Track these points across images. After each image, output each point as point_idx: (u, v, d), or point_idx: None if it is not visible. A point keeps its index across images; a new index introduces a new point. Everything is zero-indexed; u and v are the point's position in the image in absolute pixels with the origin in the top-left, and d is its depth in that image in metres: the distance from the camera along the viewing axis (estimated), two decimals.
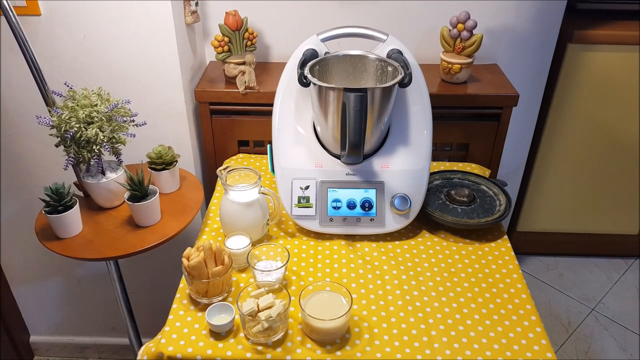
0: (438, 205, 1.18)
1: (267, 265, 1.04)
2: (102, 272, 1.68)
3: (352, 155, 1.05)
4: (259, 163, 1.42)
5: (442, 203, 1.19)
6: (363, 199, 1.13)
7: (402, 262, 1.09)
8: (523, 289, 1.03)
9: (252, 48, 1.41)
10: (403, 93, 1.15)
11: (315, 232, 1.16)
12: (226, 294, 1.00)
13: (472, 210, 1.16)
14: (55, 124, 1.07)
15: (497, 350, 0.91)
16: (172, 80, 1.33)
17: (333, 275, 1.06)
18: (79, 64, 1.31)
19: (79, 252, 1.10)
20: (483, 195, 1.21)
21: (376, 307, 0.99)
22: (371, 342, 0.92)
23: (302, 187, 1.14)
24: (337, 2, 1.44)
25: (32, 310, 1.83)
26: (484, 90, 1.40)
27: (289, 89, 1.16)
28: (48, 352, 1.94)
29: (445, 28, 1.40)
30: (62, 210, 1.09)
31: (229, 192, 1.10)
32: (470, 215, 1.15)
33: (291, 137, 1.16)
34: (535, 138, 1.83)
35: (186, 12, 1.33)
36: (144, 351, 0.96)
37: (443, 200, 1.19)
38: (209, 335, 0.93)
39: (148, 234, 1.14)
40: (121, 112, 1.12)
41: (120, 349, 1.91)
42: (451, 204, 1.18)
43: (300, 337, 0.93)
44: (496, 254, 1.12)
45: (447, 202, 1.19)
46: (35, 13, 1.23)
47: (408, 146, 1.15)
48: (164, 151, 1.23)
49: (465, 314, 0.98)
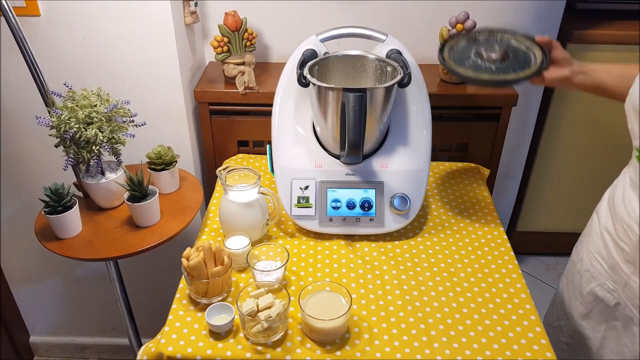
0: (470, 64, 1.06)
1: (266, 265, 1.04)
2: (101, 272, 1.68)
3: (352, 155, 1.05)
4: (259, 163, 1.42)
5: (473, 63, 1.06)
6: (362, 199, 1.13)
7: (401, 262, 1.09)
8: (523, 288, 1.03)
9: (251, 48, 1.41)
10: (402, 93, 1.15)
11: (315, 232, 1.16)
12: (226, 294, 1.00)
13: (507, 66, 1.05)
14: (54, 124, 1.07)
15: (497, 350, 0.91)
16: (171, 80, 1.33)
17: (333, 275, 1.06)
18: (79, 65, 1.31)
19: (78, 253, 1.10)
20: (516, 50, 1.09)
21: (376, 307, 0.99)
22: (371, 342, 0.92)
23: (301, 187, 1.14)
24: (337, 2, 1.44)
25: (32, 310, 1.83)
26: (483, 90, 1.40)
27: (289, 89, 1.16)
28: (48, 352, 1.94)
29: (444, 28, 1.40)
30: (61, 210, 1.09)
31: (229, 192, 1.10)
32: (507, 71, 1.04)
33: (291, 137, 1.16)
34: (534, 138, 1.83)
35: (185, 13, 1.33)
36: (143, 351, 0.96)
37: (473, 59, 1.07)
38: (209, 336, 0.93)
39: (148, 234, 1.14)
40: (120, 112, 1.12)
41: (120, 349, 1.91)
42: (484, 63, 1.06)
43: (299, 337, 0.93)
44: (496, 253, 1.12)
45: (479, 60, 1.07)
46: (35, 13, 1.23)
47: (407, 146, 1.15)
48: (164, 151, 1.23)
49: (465, 314, 0.97)
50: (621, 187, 0.93)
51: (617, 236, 0.92)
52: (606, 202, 1.00)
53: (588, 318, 1.02)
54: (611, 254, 0.94)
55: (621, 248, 0.91)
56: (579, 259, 1.06)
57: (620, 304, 0.94)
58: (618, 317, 0.96)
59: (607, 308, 0.97)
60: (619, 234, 0.91)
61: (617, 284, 0.94)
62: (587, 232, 1.06)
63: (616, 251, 0.93)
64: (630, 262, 0.89)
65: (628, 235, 0.88)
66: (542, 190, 2.01)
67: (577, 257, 1.07)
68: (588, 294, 1.01)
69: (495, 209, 1.26)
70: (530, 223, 2.11)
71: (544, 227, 2.11)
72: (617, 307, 0.95)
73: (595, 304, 1.00)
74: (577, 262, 1.06)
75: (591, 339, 1.02)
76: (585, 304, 1.02)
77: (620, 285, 0.93)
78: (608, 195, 1.00)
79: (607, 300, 0.97)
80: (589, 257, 1.01)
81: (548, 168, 1.95)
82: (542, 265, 2.20)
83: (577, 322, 1.05)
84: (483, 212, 1.24)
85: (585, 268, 1.02)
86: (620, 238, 0.91)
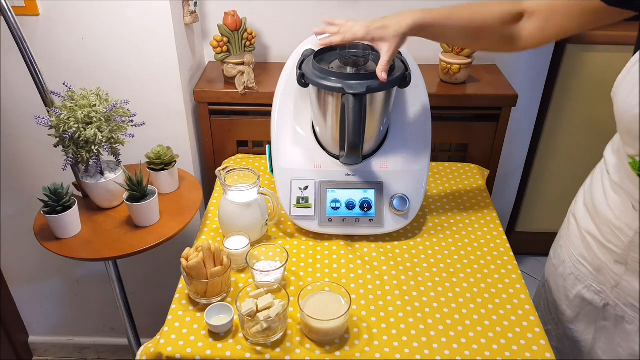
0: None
1: (266, 265, 1.04)
2: (101, 272, 1.68)
3: (351, 156, 1.05)
4: (258, 163, 1.42)
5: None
6: (362, 199, 1.13)
7: (401, 263, 1.09)
8: (522, 289, 1.03)
9: (251, 48, 1.40)
10: (402, 93, 1.15)
11: (314, 233, 1.16)
12: (225, 295, 1.00)
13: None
14: (53, 124, 1.06)
15: (496, 350, 0.91)
16: (171, 80, 1.33)
17: (332, 275, 1.06)
18: (78, 64, 1.30)
19: (77, 253, 1.10)
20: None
21: (375, 307, 0.99)
22: (370, 342, 0.92)
23: (301, 187, 1.14)
24: (336, 2, 1.44)
25: (31, 310, 1.82)
26: (483, 91, 1.40)
27: (288, 90, 1.16)
28: (47, 352, 1.93)
29: None
30: (60, 210, 1.09)
31: (228, 192, 1.10)
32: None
33: (290, 138, 1.16)
34: (534, 138, 1.83)
35: (185, 12, 1.33)
36: (142, 351, 0.96)
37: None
38: (208, 336, 0.93)
39: (147, 235, 1.14)
40: (120, 112, 1.12)
41: (119, 350, 1.91)
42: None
43: (299, 338, 0.93)
44: (495, 254, 1.12)
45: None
46: (34, 13, 1.23)
47: (407, 146, 1.15)
48: (163, 151, 1.23)
49: (465, 314, 0.97)
50: (600, 189, 0.92)
51: (605, 238, 0.91)
52: (582, 204, 0.99)
53: (577, 321, 1.02)
54: (596, 256, 0.93)
55: (609, 250, 0.90)
56: (560, 262, 1.05)
57: (609, 304, 0.94)
58: (607, 317, 0.95)
59: (596, 310, 0.97)
60: (605, 237, 0.90)
61: (604, 285, 0.94)
62: (564, 235, 1.05)
63: (602, 253, 0.92)
64: (621, 263, 0.88)
65: (618, 237, 0.87)
66: (542, 191, 2.01)
67: (558, 261, 1.06)
68: (575, 297, 1.00)
69: (494, 209, 1.26)
70: (530, 223, 2.11)
71: (544, 227, 2.11)
72: (606, 308, 0.95)
73: (583, 307, 0.99)
74: (559, 266, 1.05)
75: (582, 342, 1.02)
76: (573, 307, 1.01)
77: (608, 287, 0.93)
78: (584, 198, 0.99)
79: (595, 302, 0.96)
80: (572, 260, 1.00)
81: (548, 168, 1.96)
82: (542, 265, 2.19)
83: (565, 325, 1.05)
84: (482, 213, 1.24)
85: (569, 272, 1.01)
86: (609, 240, 0.90)
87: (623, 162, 0.85)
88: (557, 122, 1.84)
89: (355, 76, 1.00)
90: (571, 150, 1.90)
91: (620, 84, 0.80)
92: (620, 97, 0.79)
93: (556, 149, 1.90)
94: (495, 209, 1.26)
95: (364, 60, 1.06)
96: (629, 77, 0.78)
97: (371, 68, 1.07)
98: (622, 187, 0.86)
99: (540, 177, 1.98)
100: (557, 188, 1.99)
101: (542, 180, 1.98)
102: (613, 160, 0.90)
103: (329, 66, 1.07)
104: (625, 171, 0.84)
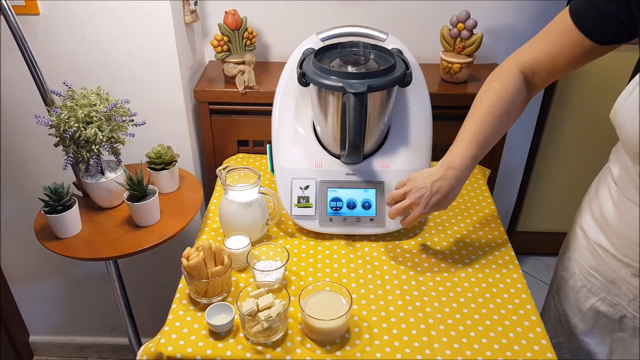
0: None
1: (266, 265, 1.04)
2: (101, 272, 1.68)
3: (352, 155, 1.05)
4: (259, 163, 1.41)
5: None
6: (363, 199, 1.13)
7: (401, 262, 1.09)
8: (523, 289, 1.03)
9: (251, 47, 1.40)
10: (403, 93, 1.15)
11: (315, 232, 1.16)
12: (226, 294, 1.00)
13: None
14: (54, 123, 1.06)
15: (497, 351, 0.90)
16: (171, 79, 1.33)
17: (333, 275, 1.06)
18: (78, 64, 1.30)
19: (78, 252, 1.10)
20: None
21: (376, 307, 0.99)
22: (371, 342, 0.92)
23: (301, 187, 1.13)
24: (337, 2, 1.44)
25: (32, 310, 1.82)
26: None
27: (289, 89, 1.16)
28: (47, 352, 1.94)
29: (445, 27, 1.40)
30: (61, 210, 1.09)
31: (229, 192, 1.09)
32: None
33: (291, 137, 1.16)
34: (535, 138, 1.83)
35: (185, 12, 1.33)
36: (143, 351, 0.96)
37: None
38: (209, 336, 0.93)
39: (147, 234, 1.14)
40: (120, 111, 1.12)
41: (120, 349, 1.91)
42: None
43: (300, 337, 0.93)
44: (496, 254, 1.12)
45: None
46: (34, 12, 1.23)
47: (408, 146, 1.15)
48: (163, 151, 1.23)
49: (465, 314, 0.97)
50: (609, 201, 0.91)
51: (620, 252, 0.88)
52: (590, 216, 0.97)
53: (592, 333, 0.99)
54: (610, 268, 0.92)
55: (625, 264, 0.88)
56: (569, 275, 1.02)
57: (626, 316, 0.92)
58: (624, 328, 0.93)
59: (611, 322, 0.95)
60: (621, 251, 0.88)
61: (619, 297, 0.92)
62: (573, 247, 1.03)
63: (617, 267, 0.90)
64: (638, 277, 0.87)
65: (635, 251, 0.85)
66: (542, 191, 2.01)
67: (567, 273, 1.03)
68: (589, 310, 0.98)
69: (495, 209, 1.26)
70: (531, 223, 2.11)
71: (544, 227, 2.11)
72: (622, 320, 0.93)
73: (597, 319, 0.97)
74: (569, 278, 1.03)
75: (598, 354, 0.99)
76: (587, 320, 0.99)
77: (624, 299, 0.91)
78: (590, 209, 0.97)
79: (610, 314, 0.94)
80: (582, 273, 0.98)
81: (548, 168, 1.95)
82: (542, 265, 2.20)
83: (579, 338, 1.02)
84: (483, 212, 1.24)
85: (581, 284, 0.99)
86: (625, 254, 0.88)
87: (631, 174, 0.83)
88: (558, 121, 1.84)
89: (356, 75, 1.00)
90: (572, 149, 1.90)
91: (621, 107, 0.79)
92: (620, 120, 0.78)
93: (557, 148, 1.90)
94: (496, 209, 1.26)
95: (364, 59, 1.06)
96: (630, 100, 0.77)
97: (372, 67, 1.07)
98: (633, 200, 0.84)
99: (542, 176, 1.98)
100: (558, 187, 1.99)
101: (543, 180, 1.98)
102: (620, 172, 0.88)
103: (330, 65, 1.07)
104: (634, 184, 0.83)
